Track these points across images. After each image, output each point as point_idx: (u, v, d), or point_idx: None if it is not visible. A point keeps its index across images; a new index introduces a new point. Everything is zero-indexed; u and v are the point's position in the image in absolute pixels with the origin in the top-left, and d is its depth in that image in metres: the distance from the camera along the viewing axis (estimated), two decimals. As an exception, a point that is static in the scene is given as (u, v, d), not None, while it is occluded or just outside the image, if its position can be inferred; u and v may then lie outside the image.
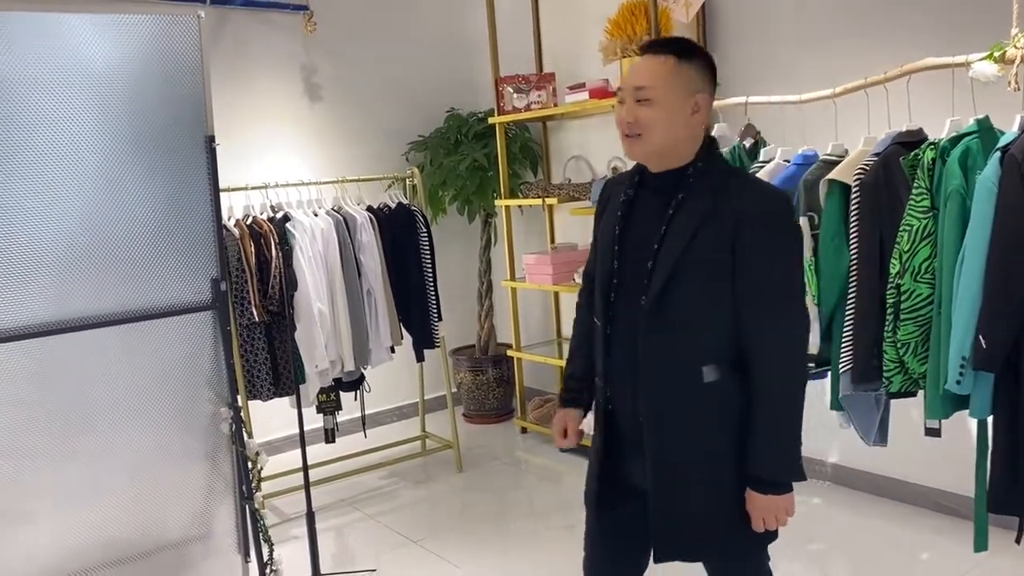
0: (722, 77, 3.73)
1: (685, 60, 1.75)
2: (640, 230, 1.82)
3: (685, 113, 1.75)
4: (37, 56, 2.44)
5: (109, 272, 2.62)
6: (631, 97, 1.76)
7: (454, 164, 4.74)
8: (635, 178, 1.88)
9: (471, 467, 4.33)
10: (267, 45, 4.58)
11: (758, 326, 1.74)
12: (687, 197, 1.76)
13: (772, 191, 1.83)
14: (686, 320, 1.76)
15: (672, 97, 1.73)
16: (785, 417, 1.76)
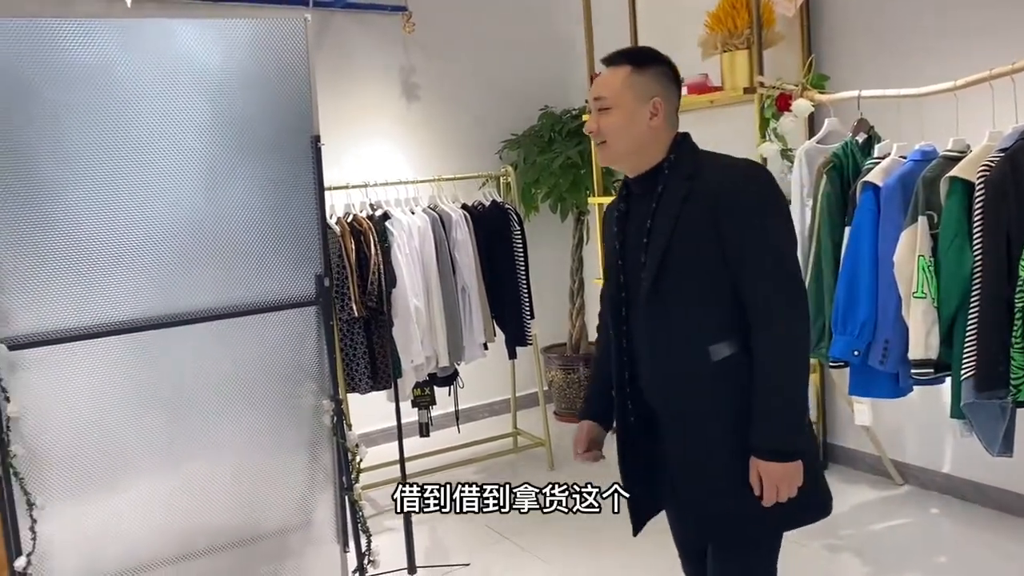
0: (828, 71, 3.66)
1: (640, 68, 1.85)
2: (634, 238, 1.90)
3: (644, 117, 1.83)
4: (154, 60, 2.55)
5: (218, 267, 2.72)
6: (594, 107, 1.87)
7: (547, 162, 4.73)
8: (623, 192, 1.98)
9: (562, 465, 4.32)
10: (366, 46, 4.68)
11: (751, 291, 1.77)
12: (665, 189, 1.84)
13: (746, 163, 1.86)
14: (685, 302, 1.82)
15: (628, 104, 1.83)
16: (784, 382, 1.76)
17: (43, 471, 2.45)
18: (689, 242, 1.79)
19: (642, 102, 1.83)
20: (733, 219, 1.76)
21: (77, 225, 2.47)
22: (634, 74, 1.84)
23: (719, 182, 1.79)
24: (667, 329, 1.84)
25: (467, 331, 3.98)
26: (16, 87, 2.35)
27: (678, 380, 1.86)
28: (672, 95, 1.89)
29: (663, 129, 1.86)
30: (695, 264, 1.80)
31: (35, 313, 2.42)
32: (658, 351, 1.87)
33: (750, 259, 1.76)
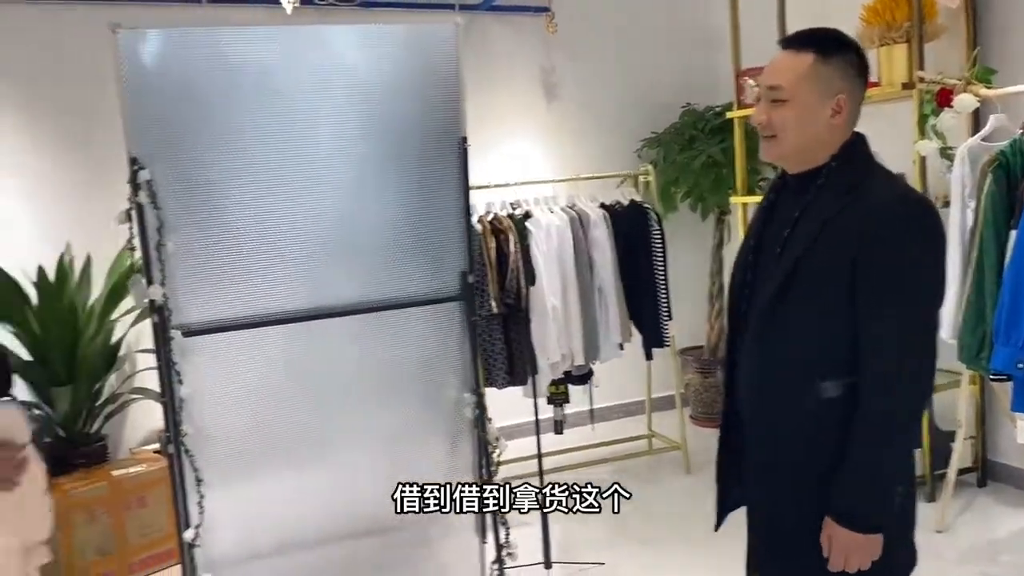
0: (995, 64, 3.43)
1: (826, 57, 1.61)
2: (771, 239, 1.72)
3: (824, 115, 1.62)
4: (311, 65, 2.67)
5: (367, 263, 2.83)
6: (766, 96, 1.65)
7: (688, 160, 4.66)
8: (778, 180, 1.79)
9: (699, 470, 4.25)
10: (509, 47, 4.75)
11: (870, 337, 1.56)
12: (815, 200, 1.64)
13: (908, 193, 1.65)
14: (805, 324, 1.63)
15: (809, 98, 1.61)
16: (880, 444, 1.56)
17: (208, 450, 2.63)
18: (823, 263, 1.59)
19: (824, 97, 1.61)
20: (874, 253, 1.54)
21: (240, 223, 2.63)
22: (818, 63, 1.61)
23: (873, 207, 1.57)
24: (778, 345, 1.66)
25: (603, 330, 3.98)
26: (185, 92, 2.52)
27: (775, 405, 1.68)
28: (858, 90, 1.66)
29: (842, 129, 1.65)
30: (823, 288, 1.59)
31: (205, 304, 2.60)
32: (763, 366, 1.70)
33: (879, 302, 1.55)
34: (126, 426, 4.14)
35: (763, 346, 1.69)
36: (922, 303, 1.57)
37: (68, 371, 3.66)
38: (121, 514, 3.52)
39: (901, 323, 1.55)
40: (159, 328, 2.48)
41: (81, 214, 3.98)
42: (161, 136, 2.49)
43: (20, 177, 3.93)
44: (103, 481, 3.51)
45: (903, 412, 1.56)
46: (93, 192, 3.99)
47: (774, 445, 1.70)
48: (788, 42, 1.67)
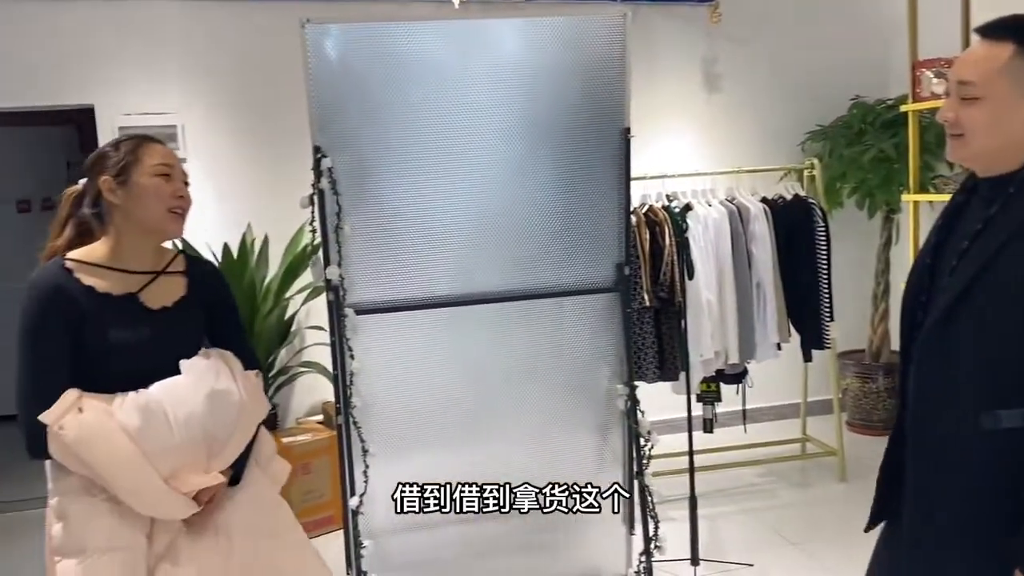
0: None
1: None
2: (953, 245, 1.55)
3: (1020, 115, 1.43)
4: (477, 58, 2.75)
5: (525, 251, 2.89)
6: (956, 92, 1.48)
7: (856, 155, 4.46)
8: (968, 182, 1.59)
9: (856, 478, 4.07)
10: (670, 37, 4.70)
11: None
12: (1003, 211, 1.46)
13: None
14: (970, 355, 1.45)
15: (1004, 96, 1.43)
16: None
17: (372, 423, 2.77)
18: (1006, 281, 1.42)
19: (1023, 95, 1.43)
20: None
21: (408, 209, 2.75)
22: (1018, 56, 1.42)
23: None
24: (942, 369, 1.50)
25: (760, 329, 3.88)
26: (362, 85, 2.65)
27: (936, 433, 1.52)
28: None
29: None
30: (1001, 311, 1.42)
31: (374, 284, 2.75)
32: (923, 390, 1.55)
33: None
34: (293, 398, 4.42)
35: (925, 369, 1.55)
36: None
37: (246, 344, 3.94)
38: (289, 479, 3.75)
39: None
40: (334, 306, 2.64)
41: (260, 198, 4.27)
42: (340, 126, 2.64)
43: (210, 162, 4.26)
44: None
45: None
46: (272, 178, 4.28)
47: (934, 473, 1.57)
48: (985, 30, 1.49)
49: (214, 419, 1.76)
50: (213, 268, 2.05)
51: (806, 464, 4.29)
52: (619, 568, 3.08)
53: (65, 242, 1.85)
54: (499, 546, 3.00)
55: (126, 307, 1.78)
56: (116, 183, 1.79)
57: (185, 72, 4.23)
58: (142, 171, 1.79)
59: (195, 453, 1.75)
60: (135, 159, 1.80)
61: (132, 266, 1.82)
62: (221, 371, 1.83)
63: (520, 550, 3.03)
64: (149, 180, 1.79)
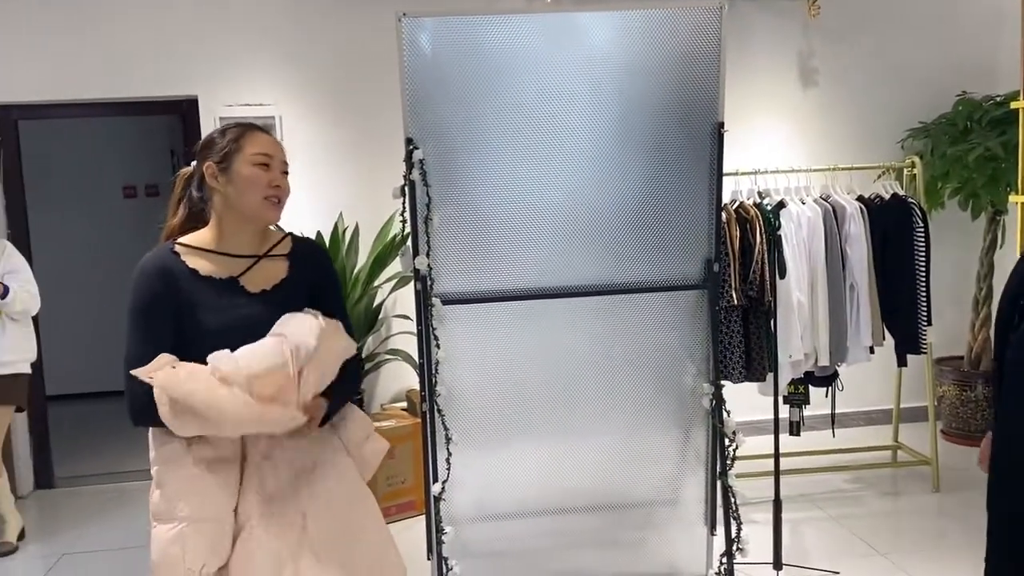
0: None
1: None
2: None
3: None
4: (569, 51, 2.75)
5: (612, 245, 2.87)
6: None
7: (960, 154, 4.27)
8: None
9: (949, 489, 3.92)
10: (766, 31, 4.59)
11: None
12: None
13: None
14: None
15: None
16: None
17: (455, 411, 2.81)
18: None
19: None
20: None
21: (495, 202, 2.77)
22: None
23: None
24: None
25: (852, 331, 3.76)
26: (454, 77, 2.68)
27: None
28: None
29: None
30: None
31: (460, 275, 2.78)
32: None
33: None
34: (378, 384, 4.52)
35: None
36: None
37: (336, 330, 4.05)
38: (373, 463, 3.86)
39: None
40: (422, 295, 2.68)
41: (354, 188, 4.37)
42: (432, 118, 2.68)
43: (306, 153, 4.38)
44: (359, 432, 3.85)
45: None
46: (364, 168, 4.37)
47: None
48: None
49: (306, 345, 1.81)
50: (315, 247, 2.09)
51: (897, 472, 4.15)
52: (699, 568, 3.05)
53: (180, 221, 1.94)
54: (578, 540, 3.00)
55: (226, 290, 1.85)
56: (218, 170, 1.85)
57: (284, 65, 4.36)
58: (242, 160, 1.85)
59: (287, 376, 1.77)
60: (237, 148, 1.85)
61: (235, 250, 1.88)
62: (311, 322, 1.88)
63: (600, 545, 3.03)
64: (248, 169, 1.84)
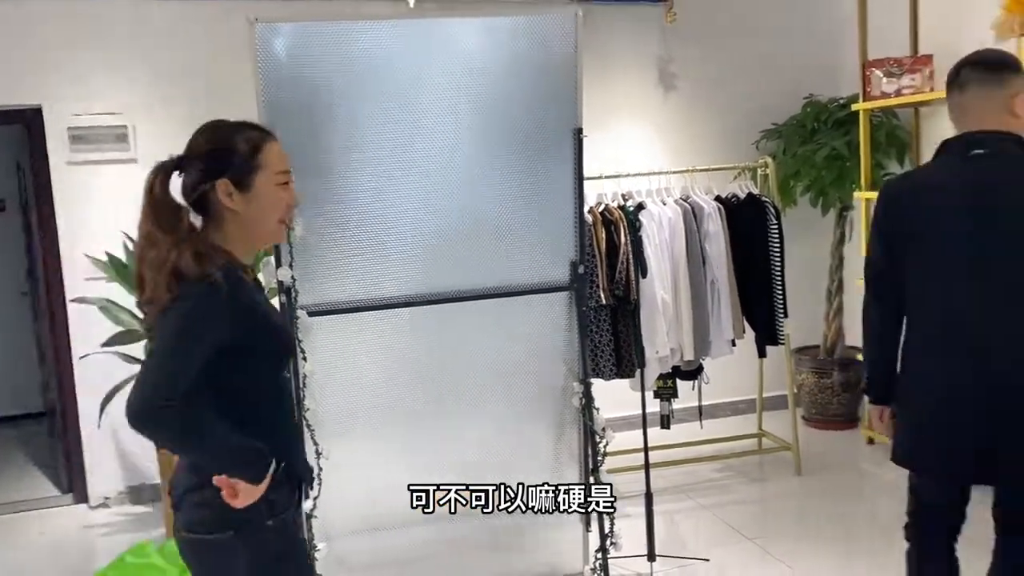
0: None
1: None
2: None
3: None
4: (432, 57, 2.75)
5: (480, 251, 2.89)
6: None
7: (809, 153, 4.53)
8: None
9: (810, 472, 4.14)
10: (625, 37, 4.73)
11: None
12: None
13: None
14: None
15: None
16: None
17: (326, 425, 2.75)
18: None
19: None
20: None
21: (362, 210, 2.74)
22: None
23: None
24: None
25: (715, 326, 3.91)
26: (314, 84, 2.64)
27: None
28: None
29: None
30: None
31: (328, 286, 2.73)
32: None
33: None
34: (250, 400, 4.37)
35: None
36: None
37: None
38: (244, 483, 3.72)
39: None
40: (286, 307, 2.62)
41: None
42: (291, 125, 2.60)
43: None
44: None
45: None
46: (226, 178, 4.22)
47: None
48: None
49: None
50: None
51: (763, 459, 4.35)
52: (576, 566, 3.10)
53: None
54: (455, 547, 3.00)
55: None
56: (237, 188, 1.63)
57: (135, 73, 4.16)
58: (266, 178, 1.65)
59: None
60: (259, 165, 1.64)
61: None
62: None
63: (479, 549, 3.03)
64: (272, 189, 1.65)
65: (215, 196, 1.62)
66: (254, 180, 1.64)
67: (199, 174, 1.62)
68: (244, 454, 1.59)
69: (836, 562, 3.23)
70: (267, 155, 1.66)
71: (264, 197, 1.65)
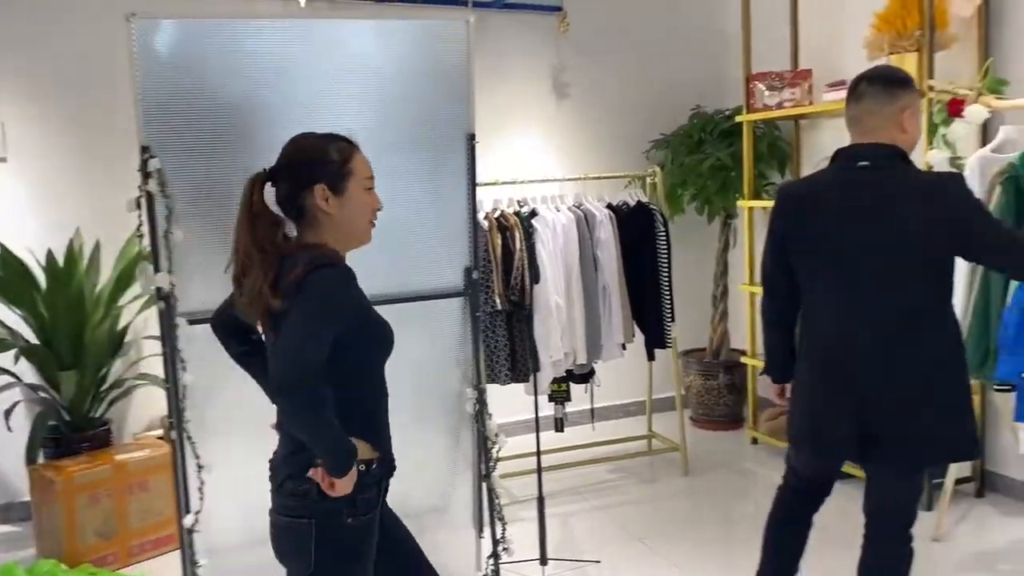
0: (1008, 75, 3.43)
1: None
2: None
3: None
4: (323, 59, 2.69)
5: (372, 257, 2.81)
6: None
7: (696, 163, 4.67)
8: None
9: (697, 472, 4.27)
10: (520, 45, 4.77)
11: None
12: None
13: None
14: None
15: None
16: None
17: (210, 437, 2.65)
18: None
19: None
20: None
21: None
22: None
23: None
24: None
25: (606, 330, 3.99)
26: (197, 83, 2.53)
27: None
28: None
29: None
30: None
31: (211, 292, 2.61)
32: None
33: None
34: (130, 412, 4.18)
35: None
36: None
37: (74, 355, 3.70)
38: (123, 498, 3.56)
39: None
40: (165, 315, 2.51)
41: (92, 200, 4.01)
42: (172, 126, 2.51)
43: (33, 162, 3.96)
44: (106, 464, 3.54)
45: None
46: (104, 179, 4.02)
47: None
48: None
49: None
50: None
51: (653, 459, 4.46)
52: (469, 572, 3.09)
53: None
54: (347, 557, 2.94)
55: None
56: (332, 193, 1.79)
57: (5, 67, 3.91)
58: (356, 183, 1.82)
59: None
60: (350, 171, 1.82)
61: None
62: None
63: (370, 560, 2.98)
64: (361, 193, 1.83)
65: (312, 201, 1.79)
66: (347, 185, 1.81)
67: (297, 181, 1.79)
68: (341, 444, 1.72)
69: (721, 560, 3.34)
70: (355, 163, 1.84)
71: (355, 200, 1.82)
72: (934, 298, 2.19)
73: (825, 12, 4.47)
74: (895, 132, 2.20)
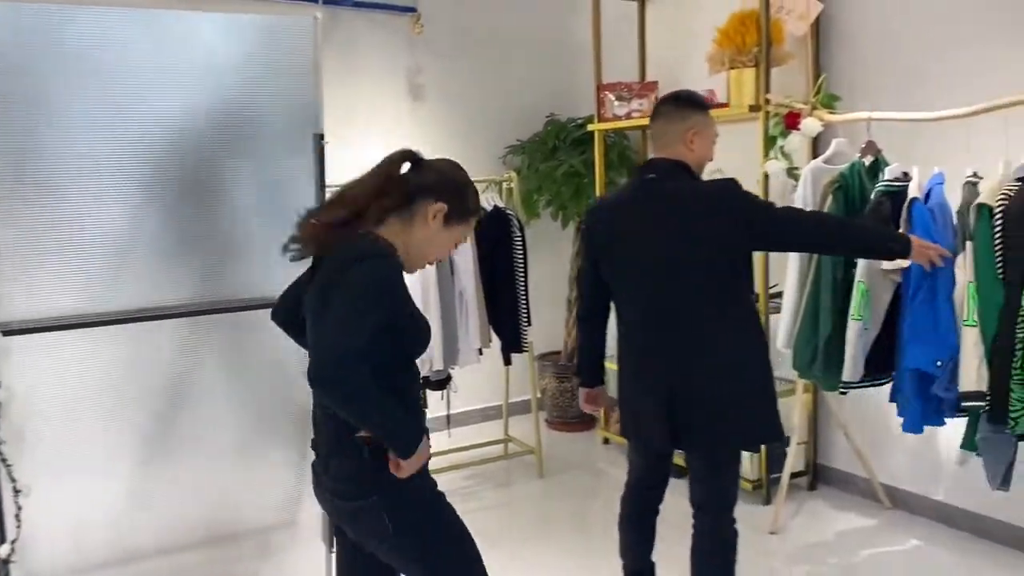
0: (838, 91, 3.66)
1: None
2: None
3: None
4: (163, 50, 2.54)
5: (209, 260, 2.70)
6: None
7: (550, 170, 4.73)
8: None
9: (552, 474, 4.31)
10: (373, 45, 4.68)
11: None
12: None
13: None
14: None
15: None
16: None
17: (29, 457, 2.43)
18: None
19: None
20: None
21: (72, 215, 2.45)
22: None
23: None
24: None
25: (463, 335, 3.96)
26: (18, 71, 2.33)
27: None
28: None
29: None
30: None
31: (29, 301, 2.41)
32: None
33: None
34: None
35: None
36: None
37: None
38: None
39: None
40: (-28, 326, 2.27)
41: None
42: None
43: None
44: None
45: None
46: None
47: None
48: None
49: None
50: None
51: (509, 463, 4.47)
52: (320, 588, 2.98)
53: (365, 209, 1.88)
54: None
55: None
56: (444, 219, 1.88)
57: None
58: (456, 231, 1.94)
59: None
60: (464, 220, 1.94)
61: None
62: None
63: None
64: (449, 239, 1.94)
65: (424, 207, 1.87)
66: (452, 224, 1.91)
67: (435, 185, 1.89)
68: (412, 424, 1.82)
69: (578, 561, 3.38)
70: (471, 220, 1.98)
71: (444, 237, 1.93)
72: (730, 296, 2.39)
73: (671, 26, 4.63)
74: (683, 148, 2.41)
